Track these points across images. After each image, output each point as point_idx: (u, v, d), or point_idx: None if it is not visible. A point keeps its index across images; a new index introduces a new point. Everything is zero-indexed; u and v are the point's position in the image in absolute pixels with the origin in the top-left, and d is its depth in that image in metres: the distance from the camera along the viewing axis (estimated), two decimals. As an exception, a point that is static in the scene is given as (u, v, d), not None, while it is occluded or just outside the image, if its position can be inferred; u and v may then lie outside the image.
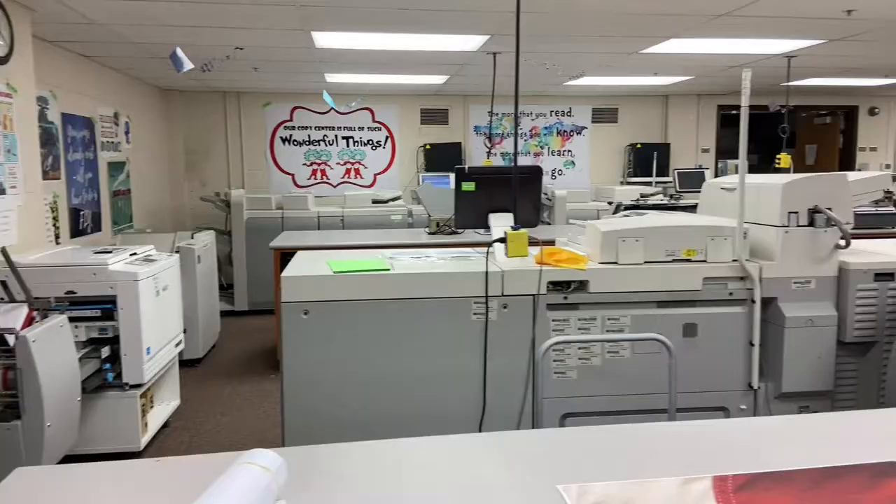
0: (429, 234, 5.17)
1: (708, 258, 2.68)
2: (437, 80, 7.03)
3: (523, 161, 9.04)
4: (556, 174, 9.16)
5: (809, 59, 5.88)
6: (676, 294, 2.65)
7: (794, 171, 9.99)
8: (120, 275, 3.25)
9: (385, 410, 2.50)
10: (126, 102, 6.48)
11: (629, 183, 8.64)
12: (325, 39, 4.81)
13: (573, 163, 9.20)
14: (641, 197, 7.28)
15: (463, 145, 8.49)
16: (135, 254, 3.54)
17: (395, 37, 4.77)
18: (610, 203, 6.05)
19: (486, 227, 2.98)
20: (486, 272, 2.52)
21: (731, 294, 2.68)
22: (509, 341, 2.55)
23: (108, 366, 3.27)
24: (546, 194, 7.50)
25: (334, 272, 2.45)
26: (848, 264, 2.68)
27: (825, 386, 2.70)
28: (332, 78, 6.77)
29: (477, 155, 8.47)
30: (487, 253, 2.58)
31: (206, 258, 5.10)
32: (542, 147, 9.07)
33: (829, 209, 2.66)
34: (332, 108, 7.72)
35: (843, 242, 2.64)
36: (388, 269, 2.52)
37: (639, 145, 8.93)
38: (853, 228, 5.30)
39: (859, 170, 9.52)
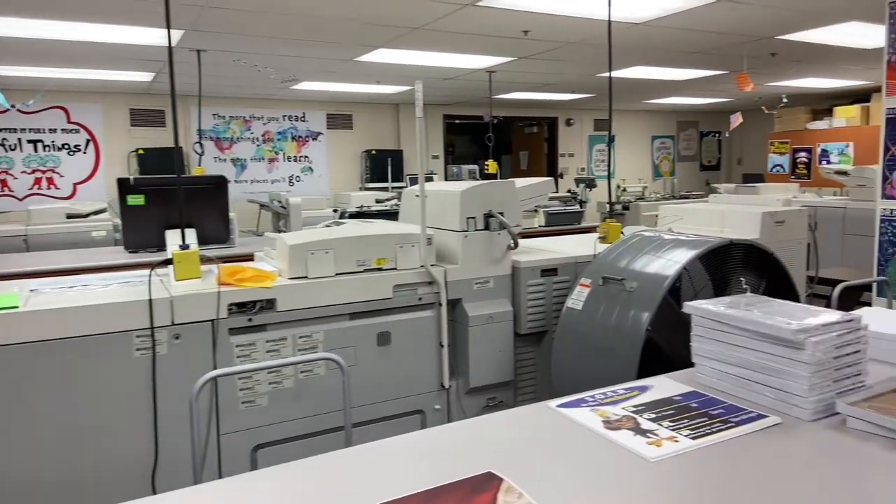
0: (130, 252, 4.54)
1: (398, 266, 2.71)
2: (143, 77, 6.29)
3: (257, 167, 8.63)
4: (293, 180, 8.91)
5: (507, 75, 6.54)
6: (369, 304, 2.63)
7: (513, 176, 11.10)
8: None
9: (24, 483, 2.02)
10: None
11: (366, 189, 8.76)
12: (-36, 22, 3.92)
13: (311, 169, 9.05)
14: (377, 202, 7.41)
15: (185, 150, 7.76)
16: None
17: (62, 25, 4.08)
18: (335, 211, 6.01)
19: (163, 245, 2.64)
20: (150, 300, 2.20)
21: (420, 299, 2.74)
22: (185, 376, 2.26)
23: None
24: (280, 202, 7.21)
25: (-73, 318, 1.90)
26: (519, 263, 2.93)
27: (507, 377, 2.92)
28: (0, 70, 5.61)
29: (202, 162, 7.81)
30: (150, 277, 2.25)
31: None
32: (276, 152, 8.74)
33: (501, 213, 2.88)
34: (10, 107, 6.44)
35: (512, 244, 2.87)
36: (16, 307, 2.05)
37: (373, 151, 9.12)
38: (547, 226, 6.04)
39: (561, 174, 11.00)
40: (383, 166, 8.83)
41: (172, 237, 2.59)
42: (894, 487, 1.06)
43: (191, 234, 2.59)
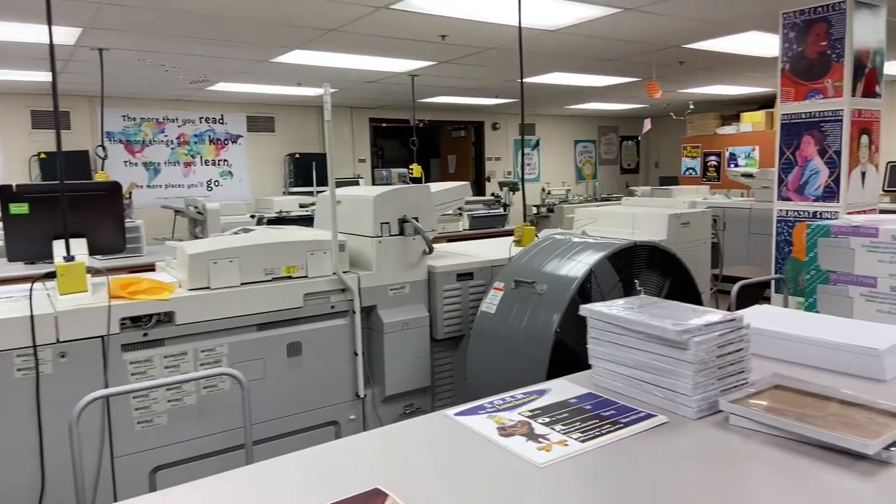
0: (27, 264, 4.22)
1: (309, 273, 2.63)
2: (44, 76, 5.90)
3: (172, 172, 8.27)
4: (212, 185, 8.59)
5: (430, 79, 6.53)
6: (278, 314, 2.54)
7: (441, 179, 11.11)
8: None
9: None
10: None
11: (290, 193, 8.55)
12: None
13: (231, 173, 8.75)
14: (301, 207, 7.23)
15: (91, 154, 7.33)
16: None
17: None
18: (252, 216, 5.83)
19: (51, 257, 2.46)
20: (31, 316, 2.03)
21: (333, 307, 2.67)
22: (72, 397, 2.09)
23: None
24: (196, 207, 6.92)
25: None
26: (435, 268, 2.91)
27: (424, 383, 2.89)
28: None
29: (109, 166, 7.39)
30: (31, 292, 2.08)
31: None
32: (193, 156, 8.40)
33: (416, 219, 2.85)
34: None
35: (426, 249, 2.85)
36: None
37: (297, 155, 8.91)
38: (471, 230, 6.07)
39: (488, 178, 11.12)
40: (308, 170, 8.65)
41: (59, 248, 2.41)
42: (772, 483, 1.09)
43: (80, 244, 2.42)
